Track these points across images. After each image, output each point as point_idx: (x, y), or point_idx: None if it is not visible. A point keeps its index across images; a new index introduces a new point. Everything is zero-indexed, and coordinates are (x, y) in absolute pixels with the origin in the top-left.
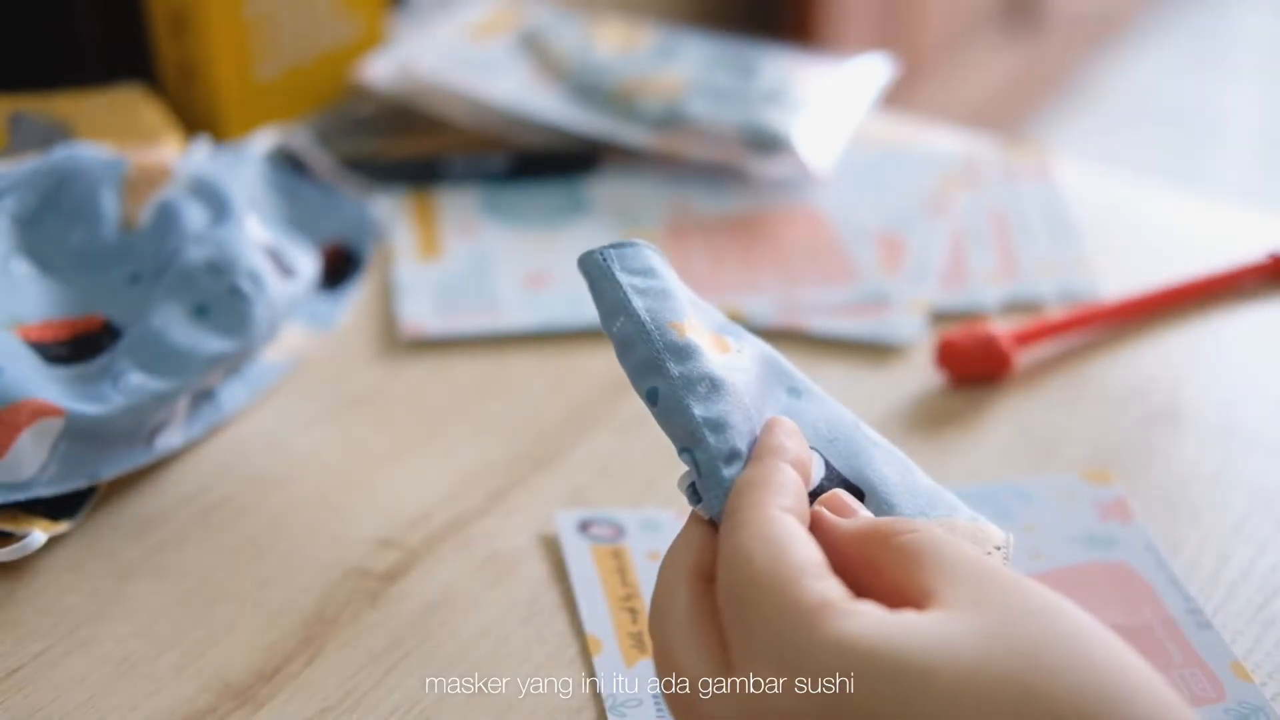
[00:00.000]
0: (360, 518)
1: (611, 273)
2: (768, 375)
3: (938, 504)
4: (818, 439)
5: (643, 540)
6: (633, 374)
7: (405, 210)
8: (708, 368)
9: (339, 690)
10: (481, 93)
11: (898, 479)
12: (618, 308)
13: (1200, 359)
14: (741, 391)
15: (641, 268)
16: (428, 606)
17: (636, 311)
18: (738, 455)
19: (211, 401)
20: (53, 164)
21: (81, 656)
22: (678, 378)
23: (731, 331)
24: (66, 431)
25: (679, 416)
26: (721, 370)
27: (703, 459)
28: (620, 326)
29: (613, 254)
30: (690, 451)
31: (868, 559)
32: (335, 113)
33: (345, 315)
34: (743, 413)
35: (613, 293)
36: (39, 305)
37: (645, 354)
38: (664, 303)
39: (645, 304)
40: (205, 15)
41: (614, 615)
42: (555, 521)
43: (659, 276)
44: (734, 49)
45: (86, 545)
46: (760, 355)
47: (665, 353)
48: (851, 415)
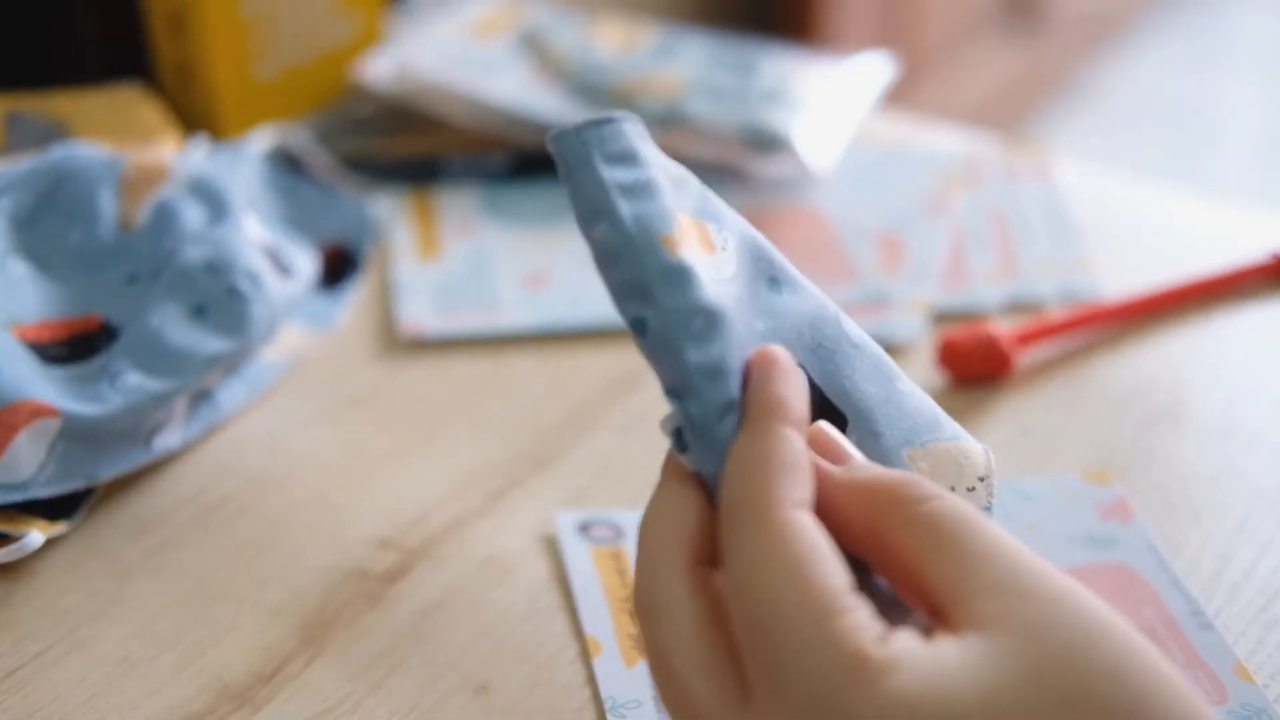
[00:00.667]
0: (359, 518)
1: (592, 163)
2: (750, 268)
3: (920, 427)
4: (801, 347)
5: None
6: (615, 294)
7: (404, 210)
8: (703, 297)
9: (338, 692)
10: (481, 92)
11: (882, 395)
12: (599, 210)
13: (1201, 359)
14: (735, 318)
15: (623, 152)
16: (427, 608)
17: (622, 219)
18: (733, 406)
19: (210, 402)
20: (50, 163)
21: (80, 657)
22: (670, 310)
23: (710, 214)
24: (64, 432)
25: (670, 359)
26: (715, 294)
27: (696, 410)
28: (602, 234)
29: (592, 135)
30: (680, 399)
31: (874, 525)
32: (334, 112)
33: (344, 315)
34: (738, 347)
35: (593, 190)
36: (36, 305)
37: (633, 275)
38: (652, 204)
39: (632, 209)
40: (204, 14)
41: (614, 617)
42: (555, 523)
43: (642, 164)
44: (734, 48)
45: (85, 546)
46: (741, 241)
47: (656, 278)
48: (834, 306)
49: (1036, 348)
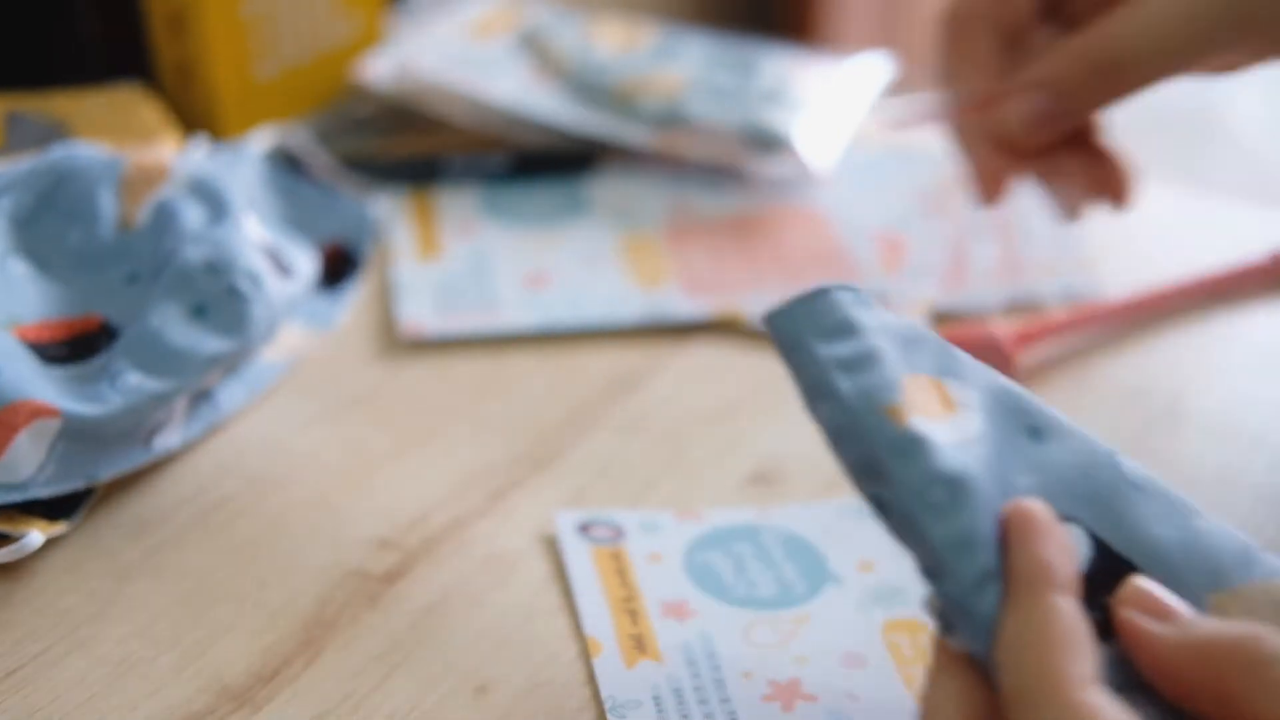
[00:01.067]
0: (359, 518)
1: (805, 342)
2: (1003, 422)
3: (1227, 567)
4: (1073, 500)
5: (642, 542)
6: (851, 473)
7: (404, 210)
8: (940, 464)
9: (338, 692)
10: (481, 92)
11: (1177, 538)
12: (819, 390)
13: (1203, 359)
14: (983, 479)
15: (839, 325)
16: (427, 608)
17: (843, 397)
18: (991, 576)
19: (210, 402)
20: (50, 163)
21: (80, 657)
22: (906, 485)
23: (950, 371)
24: (64, 432)
25: (915, 538)
26: (955, 459)
27: (951, 589)
28: (826, 414)
29: (802, 312)
30: (934, 578)
31: (1223, 691)
32: (334, 112)
33: (344, 315)
34: (989, 511)
35: (810, 370)
36: (36, 305)
37: (863, 453)
38: (873, 375)
39: (853, 384)
40: (204, 14)
41: (614, 617)
42: (555, 523)
43: (861, 333)
44: (734, 48)
45: (85, 546)
46: (990, 397)
47: (886, 452)
48: (1105, 447)
49: (1037, 347)
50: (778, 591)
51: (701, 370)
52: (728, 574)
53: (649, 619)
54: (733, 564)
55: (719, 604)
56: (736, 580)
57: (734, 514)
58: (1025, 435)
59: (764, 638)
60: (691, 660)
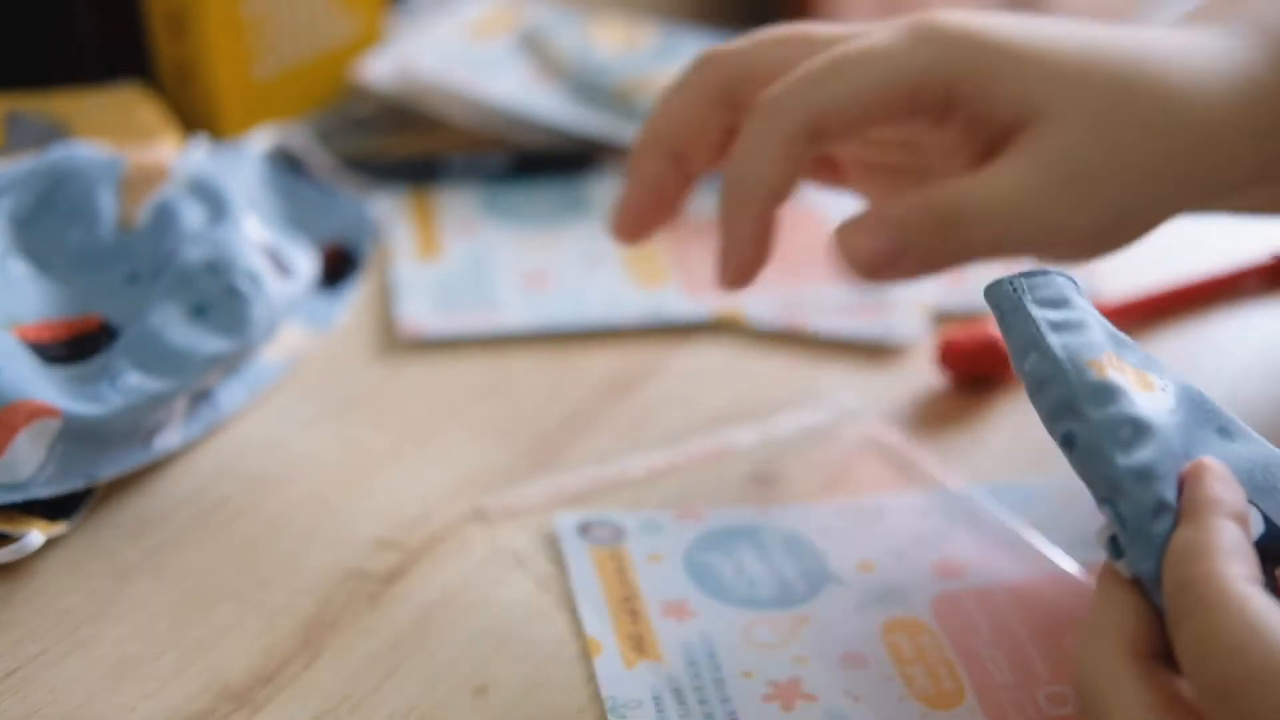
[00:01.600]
0: (359, 518)
1: (1023, 305)
2: (1196, 416)
3: None
4: (1254, 488)
5: (643, 542)
6: (1046, 416)
7: (404, 209)
8: (1131, 410)
9: (338, 693)
10: (481, 92)
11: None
12: (1030, 343)
13: (1201, 360)
14: (1170, 436)
15: (1055, 298)
16: (427, 608)
17: (1051, 348)
18: (1167, 507)
19: (209, 401)
20: (50, 163)
21: (80, 657)
22: (1097, 422)
23: (1154, 368)
24: (64, 432)
25: (1099, 464)
26: (1147, 412)
27: (1127, 512)
28: (1033, 364)
29: (1024, 283)
30: (1112, 503)
31: None
32: (334, 112)
33: (344, 315)
34: (1171, 460)
35: (1025, 327)
36: (36, 305)
37: (1061, 395)
38: (1081, 337)
39: (1061, 340)
40: (203, 14)
41: (614, 617)
42: (555, 523)
43: (1074, 307)
44: None
45: (84, 546)
46: (1185, 393)
47: (1083, 394)
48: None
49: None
50: (778, 591)
51: (701, 370)
52: (728, 574)
53: (649, 619)
54: (733, 564)
55: (719, 604)
56: (736, 580)
57: (734, 514)
58: (1214, 431)
59: (764, 638)
60: (692, 660)
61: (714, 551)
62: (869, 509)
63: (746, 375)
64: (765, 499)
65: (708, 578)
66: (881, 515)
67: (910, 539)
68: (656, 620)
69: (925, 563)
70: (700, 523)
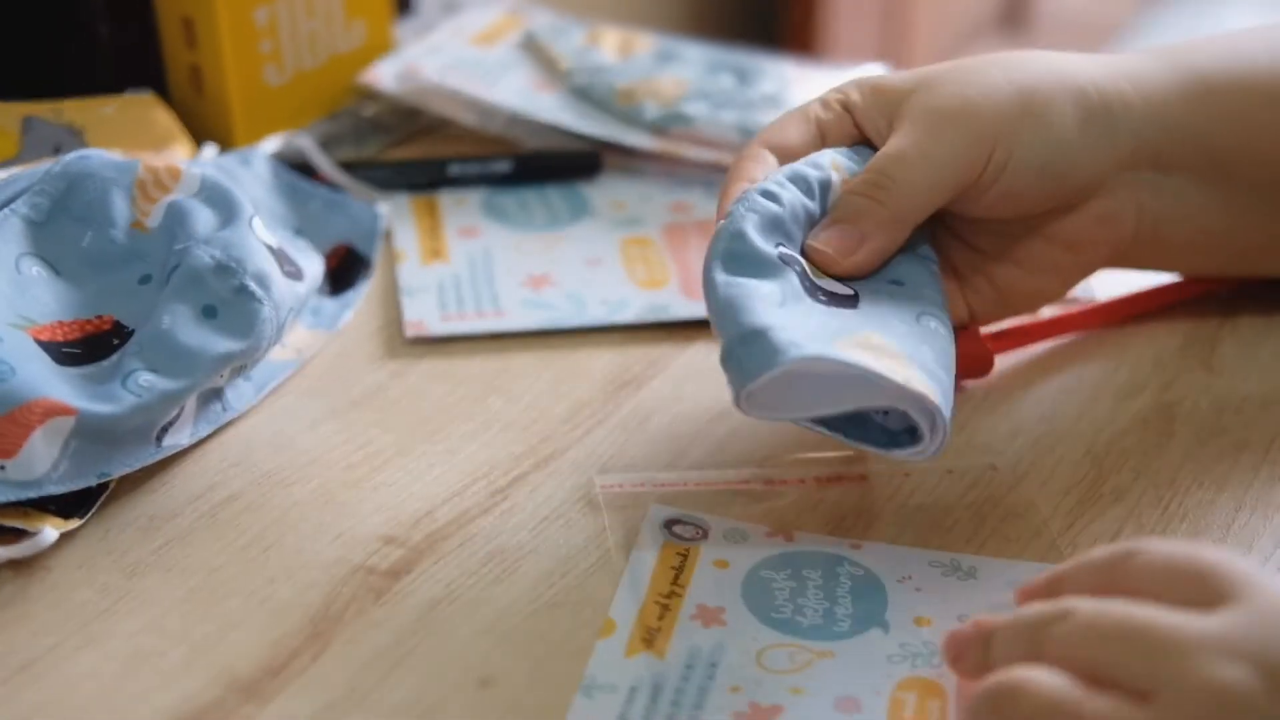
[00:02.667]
0: (365, 515)
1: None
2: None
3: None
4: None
5: (720, 548)
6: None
7: (410, 213)
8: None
9: (344, 686)
10: (485, 97)
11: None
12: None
13: (1196, 359)
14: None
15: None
16: (432, 603)
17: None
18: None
19: (219, 400)
20: (64, 167)
21: (92, 651)
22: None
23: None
24: (78, 430)
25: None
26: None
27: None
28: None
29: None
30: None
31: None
32: (341, 117)
33: (350, 316)
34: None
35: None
36: (51, 306)
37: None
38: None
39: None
40: (215, 23)
41: (643, 607)
42: (650, 513)
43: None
44: (732, 56)
45: (96, 542)
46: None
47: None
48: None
49: (1018, 349)
50: (820, 623)
51: (701, 370)
52: (781, 596)
53: (677, 618)
54: (793, 588)
55: (753, 621)
56: (785, 604)
57: (825, 541)
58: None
59: (775, 663)
60: (691, 664)
61: (782, 572)
62: (965, 567)
63: None
64: (765, 498)
65: (758, 594)
66: (974, 575)
67: (983, 606)
68: (683, 621)
69: None
70: (789, 544)
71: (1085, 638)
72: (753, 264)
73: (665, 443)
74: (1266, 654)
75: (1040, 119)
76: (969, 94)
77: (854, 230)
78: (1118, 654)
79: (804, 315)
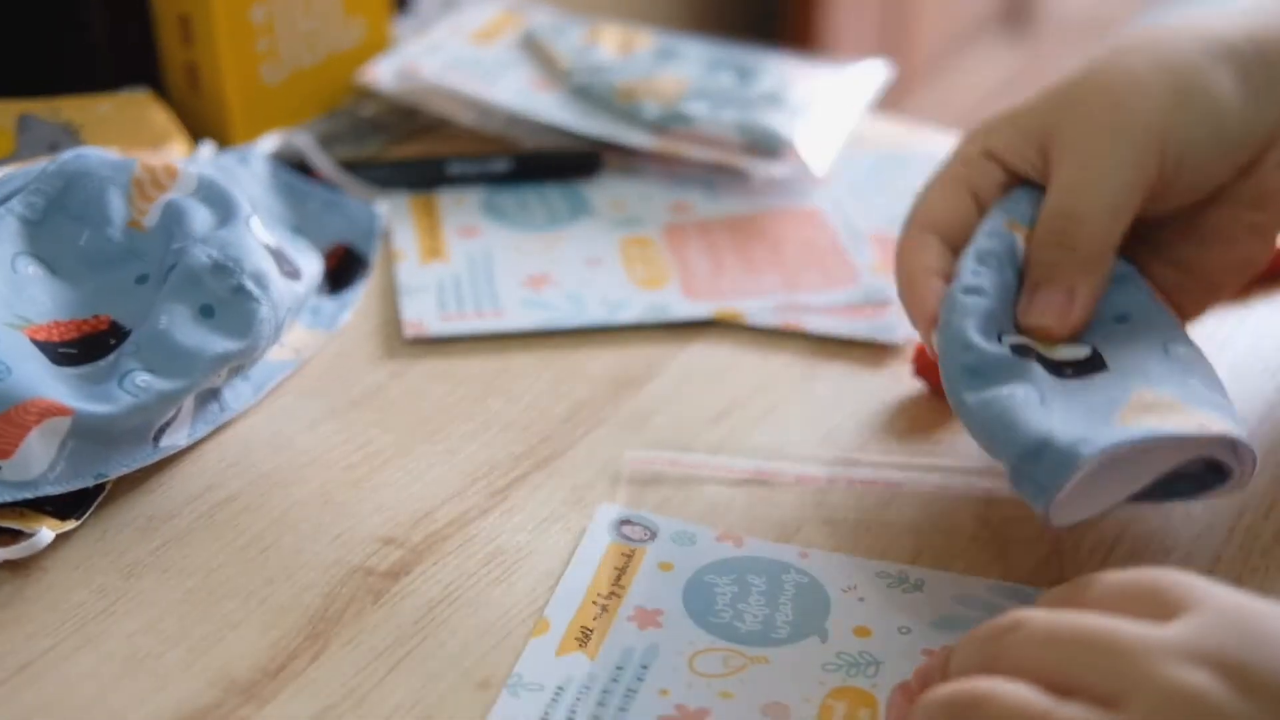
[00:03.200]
0: (364, 516)
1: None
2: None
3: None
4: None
5: (666, 549)
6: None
7: (408, 212)
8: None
9: (343, 687)
10: (484, 95)
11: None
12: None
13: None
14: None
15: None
16: (431, 604)
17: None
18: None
19: (217, 401)
20: (61, 166)
21: (89, 653)
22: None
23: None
24: (74, 430)
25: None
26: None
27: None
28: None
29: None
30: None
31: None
32: (339, 115)
33: (349, 316)
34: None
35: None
36: (47, 306)
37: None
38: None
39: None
40: (212, 20)
41: (580, 607)
42: (598, 513)
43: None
44: (732, 53)
45: (94, 543)
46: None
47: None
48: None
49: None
50: (759, 629)
51: (701, 370)
52: (722, 600)
53: (614, 618)
54: (735, 593)
55: (690, 625)
56: (725, 608)
57: (773, 549)
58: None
59: (707, 667)
60: (622, 665)
61: (726, 576)
62: (912, 579)
63: (746, 375)
64: (764, 497)
65: (700, 598)
66: (921, 589)
67: (929, 621)
68: (620, 621)
69: (921, 646)
70: (737, 548)
71: (1044, 644)
72: (993, 371)
73: (665, 443)
74: (1225, 655)
75: (1200, 97)
76: (1118, 97)
77: (1058, 289)
78: (1079, 659)
79: (1067, 402)
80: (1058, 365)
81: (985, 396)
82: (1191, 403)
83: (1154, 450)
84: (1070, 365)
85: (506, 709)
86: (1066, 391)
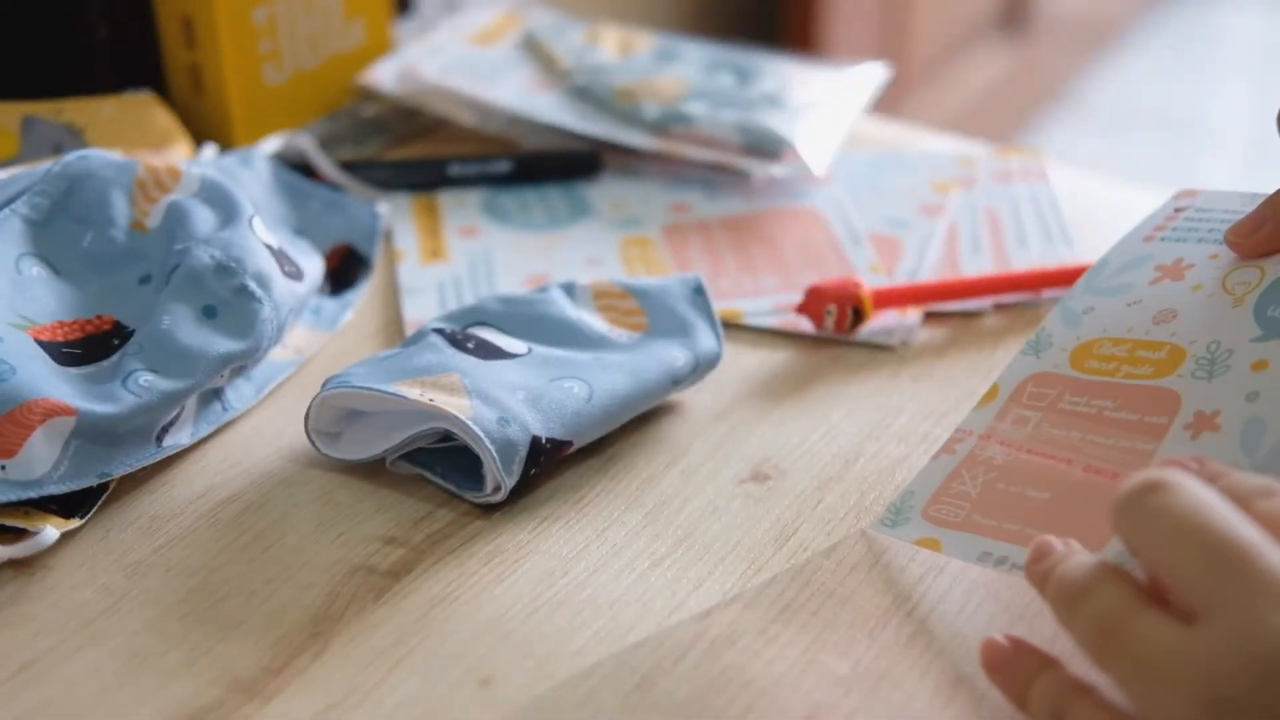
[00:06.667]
0: (366, 516)
1: None
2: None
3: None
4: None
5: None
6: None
7: (409, 213)
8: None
9: (345, 685)
10: (484, 96)
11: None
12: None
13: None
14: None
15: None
16: (432, 602)
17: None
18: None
19: (219, 400)
20: (65, 167)
21: (93, 651)
22: None
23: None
24: (78, 430)
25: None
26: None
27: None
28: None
29: None
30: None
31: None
32: (341, 117)
33: (350, 316)
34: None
35: None
36: (51, 306)
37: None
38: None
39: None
40: (214, 22)
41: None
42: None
43: None
44: (732, 55)
45: (97, 542)
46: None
47: None
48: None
49: (893, 308)
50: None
51: None
52: (513, 209)
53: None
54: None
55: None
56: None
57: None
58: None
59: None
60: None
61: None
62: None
63: (746, 375)
64: (763, 497)
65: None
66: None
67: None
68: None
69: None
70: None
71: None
72: None
73: (665, 442)
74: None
75: None
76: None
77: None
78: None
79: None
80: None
81: None
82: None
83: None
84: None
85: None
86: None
